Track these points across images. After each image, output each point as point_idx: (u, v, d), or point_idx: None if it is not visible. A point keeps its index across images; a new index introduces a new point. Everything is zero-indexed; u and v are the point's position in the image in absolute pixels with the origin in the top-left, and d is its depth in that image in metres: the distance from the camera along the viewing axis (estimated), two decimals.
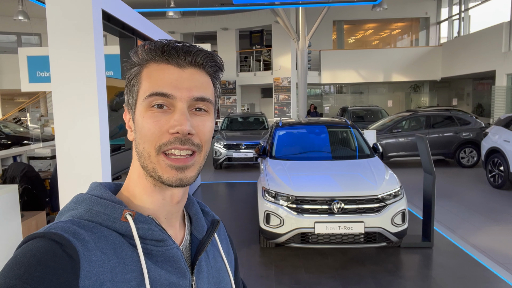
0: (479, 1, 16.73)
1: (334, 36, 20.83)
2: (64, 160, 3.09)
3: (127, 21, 3.79)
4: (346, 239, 3.98)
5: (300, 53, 14.21)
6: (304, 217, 3.97)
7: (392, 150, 9.72)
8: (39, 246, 0.53)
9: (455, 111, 11.56)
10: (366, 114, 14.56)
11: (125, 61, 0.68)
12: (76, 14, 2.98)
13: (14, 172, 4.19)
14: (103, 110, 3.17)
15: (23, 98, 20.30)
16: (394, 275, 3.78)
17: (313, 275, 3.82)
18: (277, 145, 5.49)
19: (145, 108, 0.62)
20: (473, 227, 5.28)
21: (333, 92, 22.48)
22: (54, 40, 3.00)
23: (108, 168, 3.26)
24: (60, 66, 3.03)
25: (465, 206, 6.26)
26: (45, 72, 8.56)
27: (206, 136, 0.65)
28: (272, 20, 17.14)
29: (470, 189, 7.50)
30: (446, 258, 4.18)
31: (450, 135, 9.73)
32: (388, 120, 10.84)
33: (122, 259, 0.59)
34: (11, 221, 3.15)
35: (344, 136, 5.87)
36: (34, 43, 18.36)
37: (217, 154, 9.63)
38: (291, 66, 17.73)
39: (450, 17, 18.94)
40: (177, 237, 0.70)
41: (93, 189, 0.66)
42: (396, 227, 4.01)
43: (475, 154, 9.60)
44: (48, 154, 5.88)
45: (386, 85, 21.38)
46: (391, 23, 21.47)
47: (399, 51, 19.38)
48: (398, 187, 4.19)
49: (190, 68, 0.64)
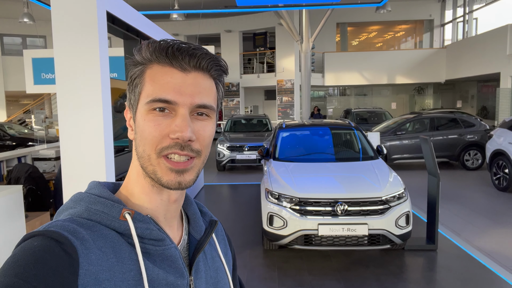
0: (484, 3, 16.66)
1: (338, 38, 20.82)
2: (68, 161, 3.10)
3: (132, 22, 3.81)
4: (350, 241, 3.96)
5: (304, 55, 14.21)
6: (307, 218, 3.96)
7: (396, 152, 9.69)
8: (38, 245, 0.53)
9: (459, 113, 11.50)
10: (369, 116, 14.53)
11: (128, 57, 0.68)
12: (81, 16, 3.00)
13: (19, 173, 4.21)
14: (107, 112, 3.18)
15: (28, 99, 20.42)
16: (398, 278, 3.76)
17: (317, 277, 3.81)
18: (281, 147, 5.48)
19: (147, 110, 0.62)
20: (477, 229, 5.24)
21: (337, 94, 22.47)
22: (59, 42, 3.02)
23: (112, 169, 3.27)
24: (65, 67, 3.05)
25: (470, 209, 6.22)
26: (49, 74, 8.61)
27: (206, 141, 0.65)
28: (275, 22, 17.15)
29: (474, 191, 7.45)
30: (451, 260, 4.15)
31: (454, 138, 9.68)
32: (392, 122, 10.81)
33: (121, 258, 0.59)
34: (16, 221, 3.16)
35: (348, 138, 5.85)
36: (39, 45, 18.49)
37: (221, 156, 9.61)
38: (294, 68, 17.72)
39: (454, 19, 18.87)
40: (175, 237, 0.70)
41: (92, 188, 0.66)
42: (400, 229, 3.99)
43: (480, 156, 9.55)
44: (53, 155, 5.90)
45: (390, 87, 21.33)
46: (395, 25, 21.43)
47: (403, 53, 19.35)
48: (402, 189, 4.17)
49: (194, 72, 0.63)
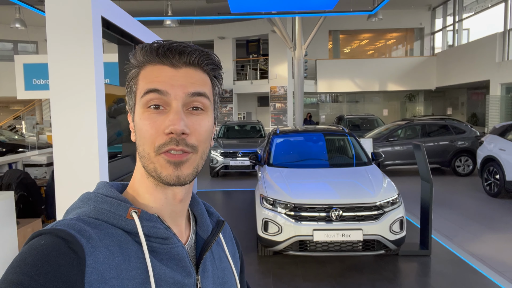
0: (473, 12, 16.98)
1: (330, 45, 21.01)
2: (62, 167, 3.07)
3: (126, 28, 3.80)
4: (345, 247, 3.96)
5: (297, 62, 14.30)
6: (302, 224, 3.96)
7: (388, 159, 9.76)
8: (46, 243, 0.53)
9: (450, 120, 11.65)
10: (362, 122, 14.64)
11: (126, 63, 0.68)
12: (75, 21, 2.98)
13: (10, 179, 4.15)
14: (102, 117, 3.16)
15: (19, 105, 20.23)
16: (393, 283, 3.77)
17: (312, 283, 3.80)
18: (275, 153, 5.49)
19: (142, 109, 0.63)
20: (470, 235, 5.29)
21: (329, 101, 22.62)
22: (54, 47, 3.00)
23: (106, 175, 3.24)
24: (59, 72, 3.03)
25: (462, 215, 6.27)
26: (41, 79, 8.52)
27: (202, 136, 0.64)
28: (269, 29, 17.26)
29: (466, 197, 7.52)
30: (444, 266, 4.17)
31: (445, 144, 9.79)
32: (384, 128, 10.90)
33: (127, 256, 0.60)
34: (7, 228, 3.11)
35: (341, 144, 5.88)
36: (31, 51, 18.35)
37: (214, 162, 9.59)
38: (287, 75, 17.82)
39: (444, 27, 19.19)
40: (182, 236, 0.70)
41: (100, 187, 0.67)
42: (394, 234, 4.01)
43: (471, 162, 9.66)
44: (44, 162, 5.84)
45: (381, 94, 21.54)
46: (386, 33, 21.72)
47: (394, 61, 19.59)
48: (396, 195, 4.20)
49: (184, 67, 0.64)
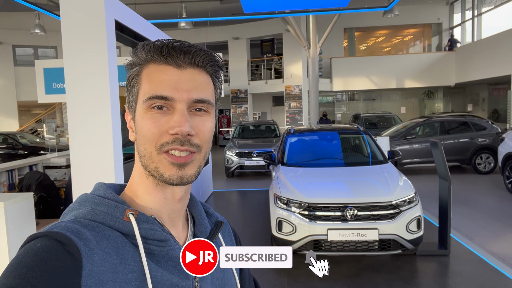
0: (492, 5, 16.52)
1: (345, 43, 20.79)
2: (78, 168, 3.13)
3: (140, 31, 3.86)
4: (360, 247, 3.91)
5: (311, 60, 14.22)
6: (316, 224, 3.93)
7: (406, 157, 9.59)
8: (41, 246, 0.53)
9: (470, 116, 11.36)
10: (379, 121, 14.44)
11: (125, 60, 0.68)
12: (89, 25, 3.04)
13: (30, 180, 4.26)
14: (116, 119, 3.21)
15: (40, 109, 20.74)
16: (410, 283, 3.70)
17: (327, 283, 3.76)
18: (289, 152, 5.47)
19: (145, 109, 0.62)
20: (491, 234, 5.14)
21: (345, 99, 22.38)
22: (69, 51, 3.07)
23: (121, 176, 3.29)
24: (75, 76, 3.09)
25: (483, 213, 6.11)
26: (60, 83, 8.73)
27: (206, 136, 0.65)
28: (282, 29, 17.21)
29: (487, 195, 7.32)
30: (464, 266, 4.07)
31: (465, 141, 9.55)
32: (401, 126, 10.72)
33: (123, 259, 0.59)
34: (27, 229, 3.20)
35: (357, 143, 5.82)
36: (50, 56, 18.80)
37: (229, 162, 9.62)
38: (302, 74, 17.72)
39: (463, 22, 18.74)
40: (180, 238, 0.70)
41: (97, 189, 0.66)
42: (412, 234, 3.93)
43: (492, 160, 9.40)
44: (63, 163, 5.96)
45: (399, 91, 21.18)
46: (403, 29, 21.34)
47: (411, 57, 19.22)
48: (413, 193, 4.12)
49: (189, 68, 0.64)
